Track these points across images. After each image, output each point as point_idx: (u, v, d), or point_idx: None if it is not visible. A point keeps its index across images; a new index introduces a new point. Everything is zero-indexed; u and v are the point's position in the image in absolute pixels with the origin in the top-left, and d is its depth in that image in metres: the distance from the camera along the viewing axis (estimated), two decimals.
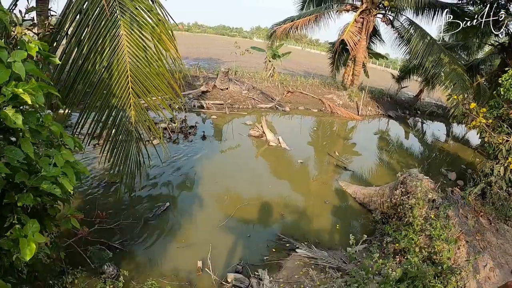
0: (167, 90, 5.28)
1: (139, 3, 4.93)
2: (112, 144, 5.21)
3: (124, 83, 4.95)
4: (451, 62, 16.89)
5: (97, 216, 5.95)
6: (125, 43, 4.84)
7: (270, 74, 21.03)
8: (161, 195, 7.58)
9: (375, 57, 25.93)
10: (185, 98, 14.88)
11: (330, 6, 21.63)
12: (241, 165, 9.71)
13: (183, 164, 9.16)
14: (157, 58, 5.13)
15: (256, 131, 11.69)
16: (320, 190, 8.84)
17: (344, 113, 18.02)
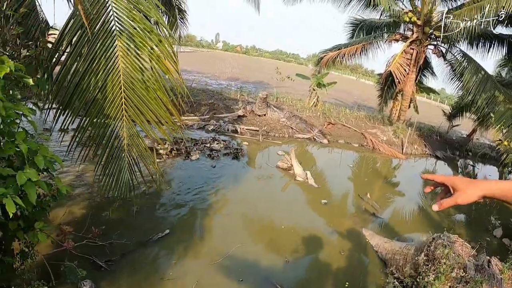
0: (165, 115, 4.95)
1: (138, 23, 4.66)
2: (104, 166, 5.00)
3: (118, 105, 4.69)
4: (506, 100, 15.64)
5: (89, 232, 5.68)
6: (121, 64, 4.58)
7: (313, 103, 20.41)
8: (164, 219, 7.25)
9: (425, 92, 24.87)
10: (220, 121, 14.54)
11: (379, 35, 20.93)
12: (259, 199, 9.08)
13: (197, 188, 8.80)
14: (154, 81, 4.80)
15: (285, 163, 11.04)
16: (338, 237, 7.88)
17: (386, 150, 17.04)
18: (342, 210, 9.58)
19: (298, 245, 7.13)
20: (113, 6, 4.56)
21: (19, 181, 2.82)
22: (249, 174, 10.49)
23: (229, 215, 7.85)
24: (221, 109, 15.93)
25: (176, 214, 7.50)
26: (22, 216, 3.42)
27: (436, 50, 19.73)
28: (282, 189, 10.06)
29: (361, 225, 8.50)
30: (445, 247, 6.02)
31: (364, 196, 10.44)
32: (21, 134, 3.06)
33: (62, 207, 6.77)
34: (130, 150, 5.01)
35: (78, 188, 7.85)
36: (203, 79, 27.88)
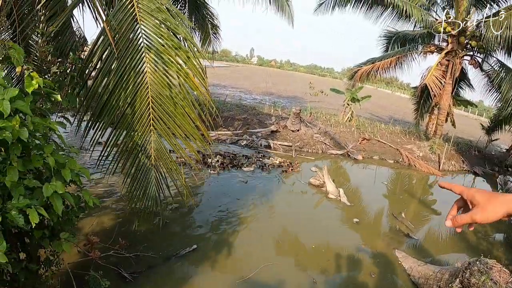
0: (193, 131, 4.94)
1: (166, 40, 4.70)
2: (132, 179, 5.06)
3: (146, 120, 4.75)
4: None
5: (116, 243, 5.67)
6: (149, 80, 4.65)
7: (348, 118, 20.21)
8: (192, 234, 7.23)
9: (463, 104, 24.25)
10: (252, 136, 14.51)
11: (414, 48, 20.60)
12: (289, 216, 8.93)
13: (227, 203, 8.81)
14: (182, 98, 4.83)
15: (317, 180, 10.86)
16: (369, 259, 7.55)
17: (423, 167, 16.61)
18: (374, 229, 9.29)
19: (327, 265, 6.93)
20: (141, 24, 4.61)
21: (45, 193, 2.95)
22: (280, 190, 10.36)
23: (258, 232, 7.74)
24: (255, 124, 15.92)
25: (204, 229, 7.46)
26: (48, 225, 3.54)
27: (472, 61, 19.27)
28: (314, 206, 9.90)
29: (394, 246, 8.18)
30: (481, 273, 5.76)
31: (399, 215, 10.14)
32: (49, 147, 3.15)
33: (92, 217, 6.90)
34: (158, 164, 5.03)
35: (109, 199, 7.99)
36: (237, 94, 28.08)
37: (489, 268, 5.77)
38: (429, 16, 18.39)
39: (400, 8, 17.01)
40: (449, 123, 21.24)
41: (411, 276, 7.00)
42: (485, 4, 17.55)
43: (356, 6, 19.17)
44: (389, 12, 19.17)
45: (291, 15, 14.97)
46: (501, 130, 22.05)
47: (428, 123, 21.24)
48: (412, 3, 17.31)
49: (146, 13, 4.64)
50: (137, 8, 4.59)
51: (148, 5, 4.67)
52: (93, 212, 7.05)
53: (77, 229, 6.20)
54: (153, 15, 4.67)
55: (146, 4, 4.67)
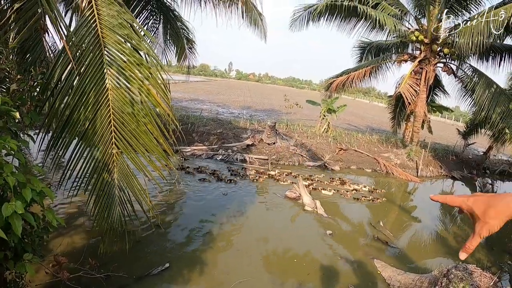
0: (155, 149, 4.80)
1: (128, 56, 4.61)
2: (95, 198, 4.85)
3: (108, 139, 4.60)
4: None
5: (86, 263, 5.56)
6: (111, 97, 4.53)
7: (324, 129, 20.23)
8: (166, 252, 7.05)
9: (438, 111, 24.60)
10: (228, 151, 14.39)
11: (388, 57, 20.89)
12: (266, 230, 8.76)
13: (203, 218, 8.70)
14: (144, 114, 4.69)
15: (293, 193, 10.79)
16: (348, 270, 7.44)
17: (400, 174, 16.71)
18: (353, 240, 9.14)
19: (305, 279, 6.80)
20: (103, 40, 4.51)
21: (4, 213, 2.87)
22: (256, 205, 10.25)
23: (234, 247, 7.60)
24: (230, 138, 15.81)
25: (178, 247, 7.30)
26: (11, 246, 3.41)
27: (445, 67, 19.54)
28: (291, 219, 9.75)
29: (373, 256, 8.11)
30: (461, 279, 5.69)
31: (377, 224, 10.10)
32: (9, 166, 3.04)
33: (62, 237, 6.73)
34: (121, 184, 4.86)
35: (81, 218, 7.80)
36: (214, 108, 28.01)
37: (469, 273, 5.73)
38: (402, 25, 18.60)
39: (373, 18, 17.13)
40: (426, 129, 21.45)
41: (390, 285, 6.94)
42: (456, 12, 17.85)
43: (329, 19, 19.28)
44: (362, 23, 19.35)
45: (264, 30, 14.93)
46: (477, 134, 22.46)
47: (405, 130, 21.46)
48: (385, 13, 17.48)
49: (108, 29, 4.56)
50: (99, 24, 4.51)
51: (110, 21, 4.59)
52: (64, 231, 6.90)
53: (47, 250, 6.06)
54: (115, 31, 4.59)
55: (109, 20, 4.59)
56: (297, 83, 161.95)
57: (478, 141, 23.93)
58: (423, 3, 18.50)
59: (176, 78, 56.54)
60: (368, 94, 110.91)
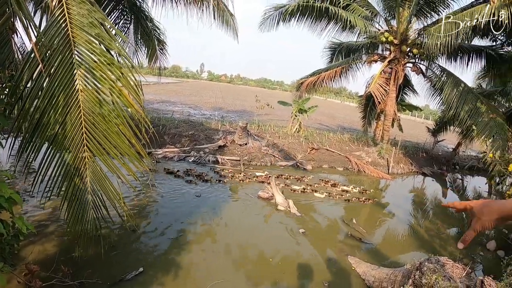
0: (128, 150, 4.76)
1: (99, 56, 4.56)
2: (68, 203, 4.77)
3: (79, 141, 4.55)
4: (489, 110, 15.84)
5: (59, 270, 5.43)
6: (81, 98, 4.47)
7: (296, 129, 20.32)
8: (140, 256, 6.90)
9: (408, 109, 25.04)
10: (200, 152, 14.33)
11: (358, 57, 21.16)
12: (240, 231, 8.77)
13: (177, 220, 8.58)
14: (116, 115, 4.64)
15: (266, 193, 10.80)
16: (322, 268, 7.45)
17: (372, 172, 16.93)
18: (326, 238, 9.19)
19: (280, 278, 6.81)
20: (73, 40, 4.44)
21: None
22: (230, 205, 10.22)
23: (209, 248, 7.55)
24: (202, 139, 15.73)
25: (152, 250, 7.18)
26: None
27: (414, 67, 19.92)
28: (264, 219, 9.75)
29: (347, 253, 8.18)
30: (434, 271, 5.78)
31: (350, 221, 10.19)
32: None
33: (34, 245, 6.55)
34: (94, 187, 4.79)
35: (53, 224, 7.59)
36: (186, 110, 27.81)
37: (442, 265, 5.81)
38: (372, 27, 18.86)
39: (344, 19, 17.30)
40: (396, 128, 21.79)
41: (365, 280, 6.99)
42: (426, 14, 18.19)
43: (300, 20, 19.32)
44: (333, 24, 19.47)
45: (235, 30, 14.92)
46: (446, 131, 23.07)
47: (376, 129, 21.75)
48: (355, 14, 17.66)
49: (78, 28, 4.49)
50: (69, 23, 4.45)
51: (81, 20, 4.53)
52: (36, 239, 6.72)
53: (18, 258, 5.89)
54: (86, 31, 4.53)
55: (79, 19, 4.53)
56: (269, 84, 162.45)
57: (447, 138, 24.50)
58: (393, 5, 18.81)
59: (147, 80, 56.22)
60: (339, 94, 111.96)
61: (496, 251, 9.65)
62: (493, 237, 10.71)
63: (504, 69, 18.33)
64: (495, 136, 14.73)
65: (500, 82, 21.12)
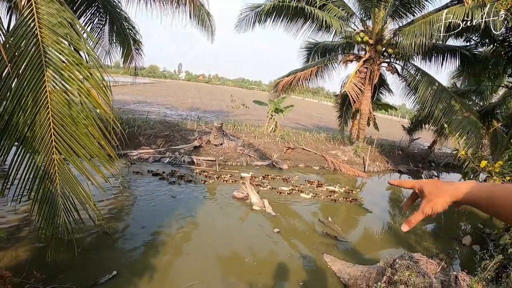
0: (98, 151, 4.68)
1: (67, 56, 4.49)
2: (39, 206, 4.64)
3: (48, 143, 4.44)
4: (462, 109, 16.22)
5: (32, 276, 5.35)
6: (49, 99, 4.38)
7: (272, 129, 20.35)
8: (114, 259, 6.79)
9: (384, 108, 25.30)
10: (175, 153, 14.24)
11: (334, 57, 21.32)
12: (215, 232, 8.69)
13: (152, 222, 8.48)
14: (84, 116, 4.56)
15: (241, 193, 10.77)
16: (297, 267, 7.47)
17: (348, 170, 17.06)
18: (302, 237, 9.16)
19: (256, 278, 6.81)
20: (42, 40, 4.36)
21: None
22: (205, 206, 10.16)
23: (184, 250, 7.50)
24: (177, 140, 15.62)
25: (128, 253, 7.10)
26: None
27: (390, 67, 20.16)
28: (240, 219, 9.72)
29: (323, 251, 8.21)
30: (407, 268, 5.83)
31: (325, 220, 10.25)
32: None
33: (5, 250, 6.40)
34: (64, 189, 4.69)
35: (25, 228, 7.44)
36: (162, 110, 27.60)
37: (415, 262, 5.87)
38: (347, 27, 19.12)
39: (320, 19, 17.40)
40: (372, 126, 21.98)
41: (341, 278, 7.04)
42: (401, 14, 18.44)
43: (276, 21, 19.38)
44: (309, 24, 19.60)
45: (211, 30, 14.86)
46: (421, 129, 23.59)
47: (352, 128, 21.92)
48: (331, 14, 17.78)
49: (47, 28, 4.42)
50: (38, 23, 4.38)
51: (50, 20, 4.45)
52: (8, 244, 6.60)
53: None
54: (55, 30, 4.45)
55: (48, 19, 4.45)
56: (246, 84, 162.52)
57: (422, 136, 24.92)
58: (368, 6, 18.99)
59: (124, 80, 55.77)
60: (317, 94, 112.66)
61: (471, 246, 9.82)
62: (469, 232, 10.90)
63: (478, 68, 18.66)
64: (469, 134, 15.00)
65: (474, 82, 21.53)
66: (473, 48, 18.88)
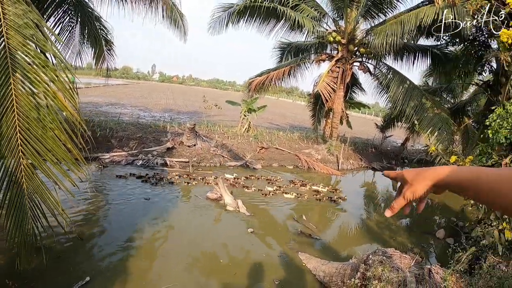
0: (64, 155, 4.62)
1: (33, 58, 4.43)
2: (6, 211, 4.56)
3: (14, 147, 4.38)
4: (434, 106, 16.57)
5: (4, 285, 5.30)
6: (15, 102, 4.32)
7: (245, 129, 20.35)
8: (88, 265, 6.62)
9: (356, 107, 25.58)
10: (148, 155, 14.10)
11: (307, 57, 21.47)
12: (190, 234, 8.59)
13: (125, 226, 8.40)
14: (51, 120, 4.49)
15: (214, 194, 10.71)
16: (273, 266, 7.46)
17: (322, 169, 17.19)
18: (276, 236, 9.16)
19: (231, 279, 6.78)
20: (7, 41, 4.29)
21: None
22: (179, 208, 10.07)
23: (158, 253, 7.42)
24: (150, 142, 15.46)
25: (101, 258, 6.95)
26: None
27: (362, 66, 20.46)
28: (214, 220, 9.67)
29: (298, 249, 8.23)
30: (380, 263, 5.88)
31: (300, 218, 10.28)
32: None
33: None
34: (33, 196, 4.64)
35: None
36: (135, 112, 27.30)
37: (389, 257, 5.93)
38: (320, 27, 19.35)
39: (292, 19, 17.54)
40: (345, 125, 22.21)
41: (316, 276, 7.07)
42: (373, 14, 18.76)
43: (249, 21, 19.47)
44: (282, 24, 19.76)
45: (184, 30, 14.77)
46: (394, 127, 23.99)
47: (325, 127, 22.12)
48: (304, 14, 17.92)
49: (13, 29, 4.34)
50: (4, 24, 4.30)
51: (16, 21, 4.37)
52: None
53: None
54: (20, 32, 4.37)
55: (14, 20, 4.38)
56: (221, 85, 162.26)
57: (395, 134, 25.30)
58: (341, 6, 19.27)
59: (97, 82, 55.08)
60: (291, 94, 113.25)
61: (445, 239, 10.03)
62: (443, 226, 11.08)
63: (449, 67, 19.01)
64: (440, 130, 15.27)
65: (445, 80, 21.91)
66: (444, 47, 19.32)
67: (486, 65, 16.81)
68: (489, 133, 6.84)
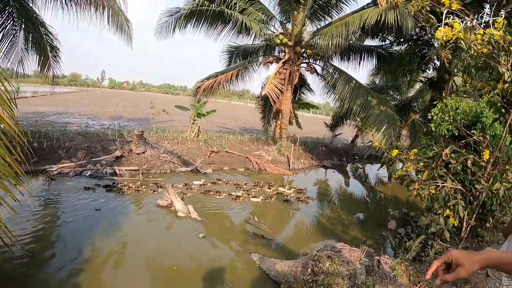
0: (3, 169, 4.34)
1: None
2: None
3: None
4: (379, 103, 17.12)
5: None
6: None
7: (195, 134, 20.30)
8: (41, 283, 6.41)
9: (305, 107, 25.95)
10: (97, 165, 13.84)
11: (255, 60, 21.58)
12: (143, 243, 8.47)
13: (76, 239, 8.13)
14: None
15: (165, 201, 10.63)
16: (227, 269, 7.48)
17: (273, 169, 17.39)
18: (229, 239, 9.18)
19: (186, 286, 6.77)
20: None
21: None
22: (130, 217, 9.95)
23: (112, 264, 7.30)
24: (99, 151, 15.16)
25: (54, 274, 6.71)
26: None
27: (309, 67, 20.84)
28: (166, 227, 9.60)
29: (251, 251, 8.31)
30: (329, 258, 6.00)
31: (252, 220, 10.35)
32: None
33: None
34: None
35: None
36: (84, 121, 26.66)
37: (338, 251, 6.07)
38: (267, 29, 19.50)
39: (240, 22, 17.61)
40: (295, 125, 22.48)
41: (270, 276, 7.15)
42: (319, 17, 19.19)
43: (196, 26, 19.36)
44: (229, 27, 19.82)
45: (130, 36, 14.58)
46: (343, 125, 24.64)
47: (275, 128, 22.35)
48: (251, 18, 18.05)
49: None
50: None
51: None
52: None
53: None
54: None
55: None
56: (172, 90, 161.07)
57: (344, 132, 25.87)
58: (288, 9, 19.51)
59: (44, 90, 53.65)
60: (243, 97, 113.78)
61: (397, 230, 10.39)
62: (395, 217, 11.37)
63: (394, 66, 19.66)
64: (387, 126, 15.70)
65: (392, 78, 22.61)
66: (389, 47, 20.05)
67: (429, 63, 17.48)
68: (432, 126, 7.16)
